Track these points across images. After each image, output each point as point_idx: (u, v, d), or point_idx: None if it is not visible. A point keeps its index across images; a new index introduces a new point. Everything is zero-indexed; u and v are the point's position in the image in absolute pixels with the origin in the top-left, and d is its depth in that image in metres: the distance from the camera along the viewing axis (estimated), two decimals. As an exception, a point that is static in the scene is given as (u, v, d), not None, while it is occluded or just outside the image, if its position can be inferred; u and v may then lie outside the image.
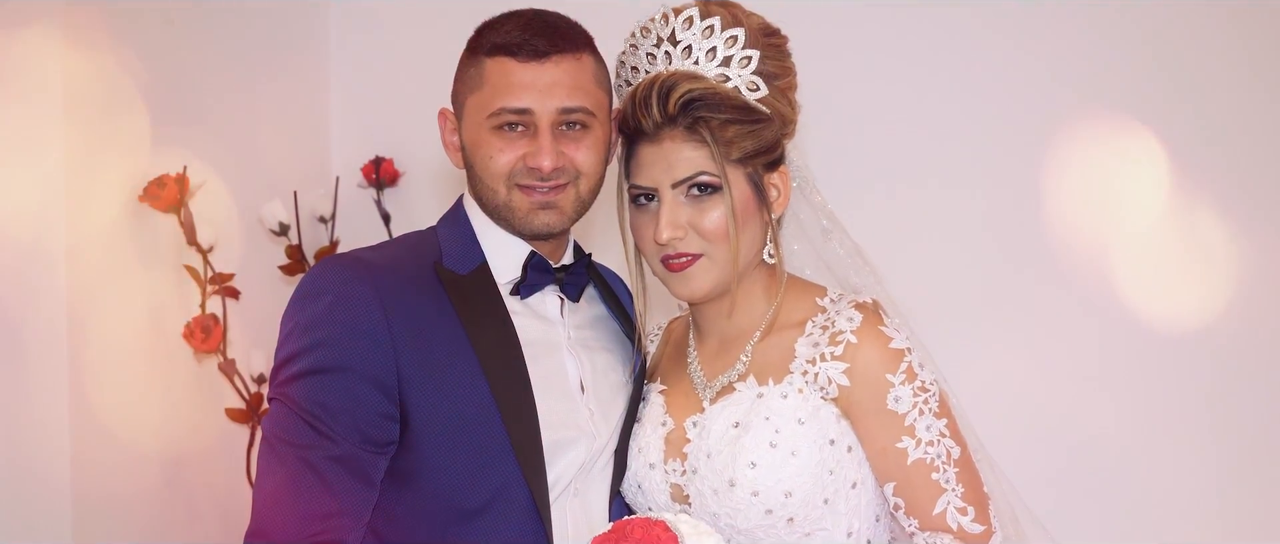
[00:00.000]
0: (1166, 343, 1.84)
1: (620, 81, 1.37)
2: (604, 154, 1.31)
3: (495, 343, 1.23)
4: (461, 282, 1.26)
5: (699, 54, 1.27)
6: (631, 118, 1.28)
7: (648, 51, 1.31)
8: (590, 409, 1.30)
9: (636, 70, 1.33)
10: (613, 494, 1.34)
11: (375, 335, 1.17)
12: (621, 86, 1.37)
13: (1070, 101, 1.88)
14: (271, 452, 1.18)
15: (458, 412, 1.19)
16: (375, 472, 1.18)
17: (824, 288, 1.34)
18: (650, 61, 1.30)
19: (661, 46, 1.29)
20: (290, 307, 1.23)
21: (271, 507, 1.17)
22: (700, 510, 1.26)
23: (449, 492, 1.20)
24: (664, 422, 1.33)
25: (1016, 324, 1.90)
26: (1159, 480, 1.83)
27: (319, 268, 1.30)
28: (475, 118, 1.25)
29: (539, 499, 1.21)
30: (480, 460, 1.19)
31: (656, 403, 1.36)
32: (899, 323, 1.28)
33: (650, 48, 1.30)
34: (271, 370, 1.23)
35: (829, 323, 1.26)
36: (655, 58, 1.30)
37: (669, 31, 1.28)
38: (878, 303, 1.29)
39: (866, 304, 1.27)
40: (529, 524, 1.21)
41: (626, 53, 1.36)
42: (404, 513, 1.21)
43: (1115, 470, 1.86)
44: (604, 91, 1.30)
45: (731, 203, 1.24)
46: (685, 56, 1.28)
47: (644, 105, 1.26)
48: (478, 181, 1.28)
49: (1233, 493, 1.81)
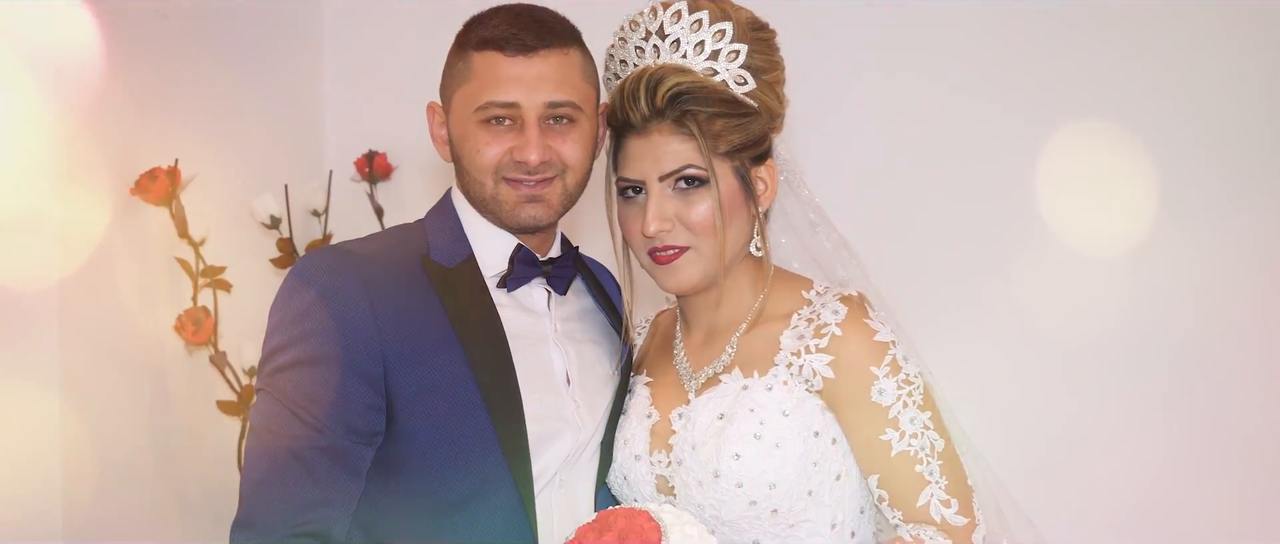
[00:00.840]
0: (1148, 336, 1.86)
1: (609, 75, 1.38)
2: (590, 148, 1.31)
3: (481, 336, 1.23)
4: (448, 274, 1.26)
5: (687, 48, 1.28)
6: (619, 111, 1.29)
7: (636, 45, 1.31)
8: (576, 401, 1.31)
9: (625, 63, 1.33)
10: (599, 485, 1.35)
11: (361, 327, 1.17)
12: (610, 80, 1.37)
13: (1055, 100, 1.90)
14: (258, 442, 1.19)
15: (443, 404, 1.20)
16: (361, 462, 1.19)
17: (810, 281, 1.35)
18: (638, 55, 1.31)
19: (650, 40, 1.29)
20: (277, 299, 1.23)
21: (258, 496, 1.17)
22: (685, 501, 1.27)
23: (434, 483, 1.20)
24: (649, 413, 1.34)
25: (1000, 317, 1.91)
26: (1141, 471, 1.85)
27: (306, 260, 1.30)
28: (463, 111, 1.26)
29: (524, 491, 1.22)
30: (465, 452, 1.20)
31: (642, 395, 1.37)
32: (884, 316, 1.28)
33: (639, 41, 1.31)
34: (259, 362, 1.24)
35: (814, 315, 1.26)
36: (643, 51, 1.30)
37: (657, 25, 1.29)
38: (863, 296, 1.30)
39: (852, 297, 1.28)
40: (514, 516, 1.22)
41: (615, 46, 1.36)
42: (390, 503, 1.22)
43: (1098, 462, 1.88)
44: (591, 86, 1.31)
45: (718, 196, 1.25)
46: (673, 50, 1.28)
47: (631, 98, 1.26)
48: (465, 175, 1.28)
49: (1211, 483, 1.83)
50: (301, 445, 1.15)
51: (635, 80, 1.27)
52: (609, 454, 1.35)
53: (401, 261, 1.26)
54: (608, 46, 1.37)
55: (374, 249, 1.29)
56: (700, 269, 1.28)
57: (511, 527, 1.22)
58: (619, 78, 1.33)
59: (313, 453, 1.15)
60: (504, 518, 1.22)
